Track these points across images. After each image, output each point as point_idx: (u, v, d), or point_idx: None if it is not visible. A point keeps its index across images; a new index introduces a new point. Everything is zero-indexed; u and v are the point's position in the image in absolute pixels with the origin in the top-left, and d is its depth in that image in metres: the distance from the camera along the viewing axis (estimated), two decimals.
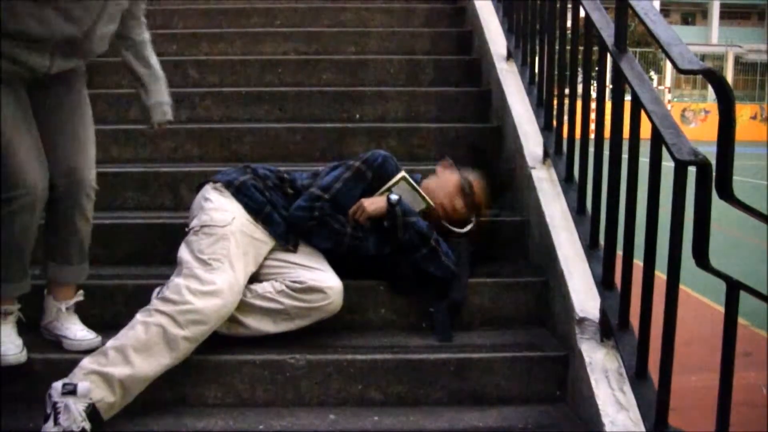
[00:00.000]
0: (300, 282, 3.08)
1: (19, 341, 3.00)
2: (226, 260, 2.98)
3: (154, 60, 3.33)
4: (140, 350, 2.80)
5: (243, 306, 3.05)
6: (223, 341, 3.05)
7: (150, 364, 2.80)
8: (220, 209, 3.15)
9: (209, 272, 2.93)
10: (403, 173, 3.36)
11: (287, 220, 3.23)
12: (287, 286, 3.07)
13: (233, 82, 5.12)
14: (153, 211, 3.99)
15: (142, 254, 3.66)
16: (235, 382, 2.99)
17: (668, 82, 38.33)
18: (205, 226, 3.07)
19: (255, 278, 3.15)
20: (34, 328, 3.16)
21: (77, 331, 3.12)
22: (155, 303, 2.90)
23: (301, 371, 2.98)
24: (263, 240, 3.17)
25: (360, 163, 3.35)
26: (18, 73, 2.91)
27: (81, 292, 3.24)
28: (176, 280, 2.93)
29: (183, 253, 3.04)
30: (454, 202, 3.47)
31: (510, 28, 4.87)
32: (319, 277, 3.11)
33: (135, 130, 4.49)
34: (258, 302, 3.07)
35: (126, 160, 4.44)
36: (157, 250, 3.62)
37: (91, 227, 3.23)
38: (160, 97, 3.36)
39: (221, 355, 3.01)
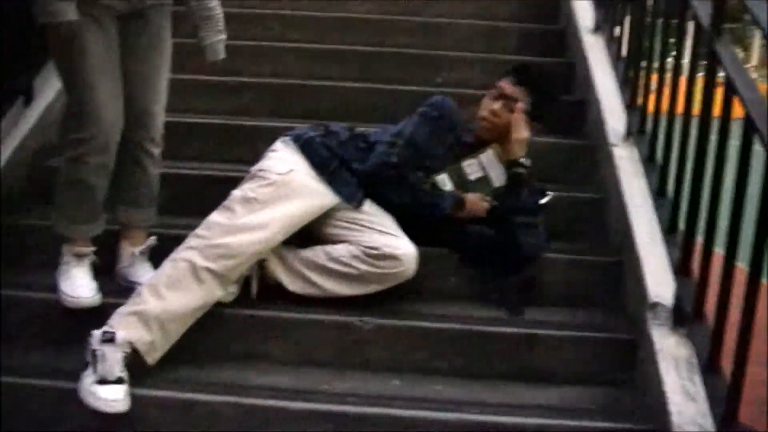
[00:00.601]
0: (375, 248, 3.06)
1: (93, 284, 3.06)
2: (270, 204, 2.99)
3: (215, 2, 3.27)
4: (170, 285, 2.83)
5: (318, 268, 3.07)
6: (296, 299, 3.07)
7: (181, 299, 2.83)
8: (280, 159, 3.16)
9: (246, 209, 2.96)
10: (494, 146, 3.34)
11: (362, 174, 3.21)
12: (362, 252, 3.06)
13: (315, 38, 5.10)
14: (231, 164, 4.01)
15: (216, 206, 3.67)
16: (302, 340, 3.01)
17: (755, 60, 37.32)
18: (261, 170, 3.10)
19: (326, 238, 3.16)
20: (109, 274, 3.21)
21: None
22: (187, 240, 2.95)
23: (368, 334, 2.99)
24: (326, 195, 3.14)
25: (426, 107, 3.33)
26: (111, 5, 2.96)
27: (153, 237, 3.28)
28: (211, 215, 2.99)
29: (233, 192, 3.08)
30: (490, 107, 3.37)
31: (598, 3, 4.77)
32: (393, 243, 3.09)
33: (218, 81, 4.51)
34: (333, 266, 3.07)
35: (205, 111, 4.45)
36: None
37: (160, 171, 3.29)
38: (216, 36, 3.29)
39: (290, 313, 3.04)
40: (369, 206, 3.21)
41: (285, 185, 3.05)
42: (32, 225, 3.51)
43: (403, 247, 3.08)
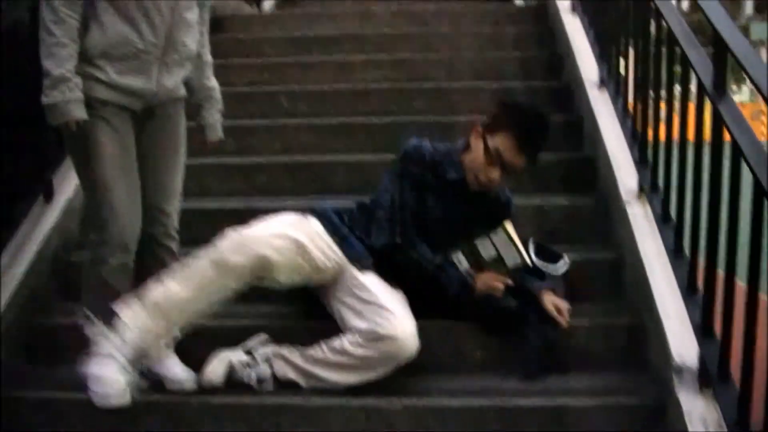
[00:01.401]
0: (371, 331, 3.04)
1: (122, 381, 3.07)
2: (287, 226, 3.15)
3: (214, 82, 3.42)
4: (175, 277, 3.05)
5: (321, 362, 3.09)
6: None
7: (183, 287, 3.02)
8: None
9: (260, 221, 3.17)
10: (508, 225, 3.32)
11: (373, 251, 3.26)
12: (360, 336, 3.06)
13: (325, 111, 5.17)
14: None
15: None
16: (331, 425, 3.02)
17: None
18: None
19: (333, 308, 3.23)
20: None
21: (173, 367, 3.18)
22: None
23: (395, 416, 3.00)
24: (334, 248, 3.21)
25: (398, 162, 3.34)
26: (122, 102, 3.04)
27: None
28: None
29: None
30: (489, 175, 3.32)
31: (602, 55, 4.82)
32: (389, 323, 3.04)
33: (230, 164, 4.58)
34: (335, 357, 3.08)
35: (220, 193, 4.52)
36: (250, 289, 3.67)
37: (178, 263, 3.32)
38: (216, 114, 3.42)
39: (314, 399, 3.06)
40: (374, 279, 3.20)
41: (301, 222, 3.22)
42: (58, 323, 3.56)
43: (399, 327, 3.03)
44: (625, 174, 3.96)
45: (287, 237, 3.09)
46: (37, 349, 3.49)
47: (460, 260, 3.32)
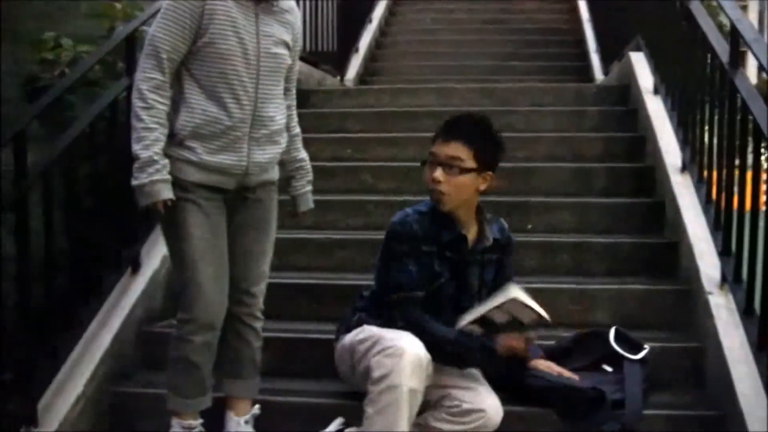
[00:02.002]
0: (457, 406, 3.07)
1: None
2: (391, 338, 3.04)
3: (304, 153, 3.51)
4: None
5: None
6: None
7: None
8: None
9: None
10: (515, 292, 3.13)
11: None
12: (446, 413, 3.08)
13: (407, 188, 5.23)
14: (327, 323, 4.09)
15: (317, 369, 3.74)
16: None
17: None
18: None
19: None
20: None
21: None
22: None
23: None
24: None
25: (390, 242, 3.21)
26: (214, 182, 3.12)
27: (257, 406, 3.37)
28: None
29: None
30: (431, 177, 3.14)
31: (685, 140, 4.79)
32: (474, 398, 3.08)
33: (310, 239, 4.65)
34: None
35: (299, 268, 4.58)
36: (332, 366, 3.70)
37: (262, 342, 3.39)
38: (307, 186, 3.52)
39: None
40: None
41: None
42: (141, 393, 3.65)
43: (485, 400, 3.08)
44: (708, 263, 3.93)
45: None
46: (119, 415, 3.56)
47: (473, 331, 3.17)
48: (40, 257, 3.52)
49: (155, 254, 4.27)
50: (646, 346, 3.51)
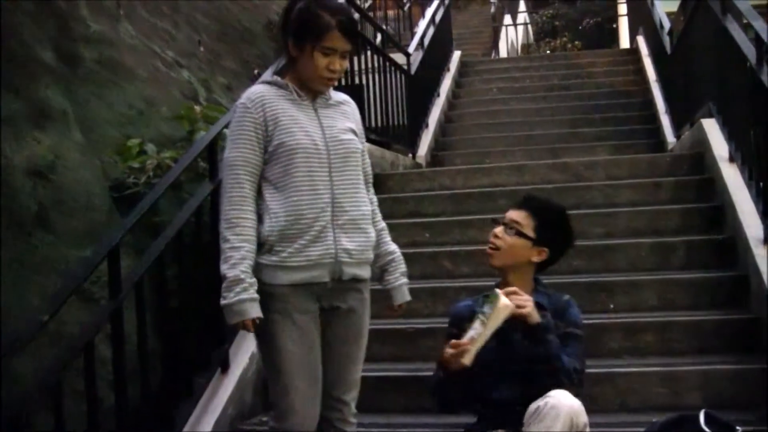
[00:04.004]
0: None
1: None
2: None
3: (394, 246, 3.42)
4: None
5: None
6: None
7: None
8: None
9: None
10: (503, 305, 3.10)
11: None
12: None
13: (486, 272, 5.24)
14: (417, 415, 4.13)
15: None
16: None
17: None
18: None
19: None
20: None
21: None
22: None
23: None
24: None
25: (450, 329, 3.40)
26: (308, 279, 3.08)
27: None
28: None
29: None
30: (494, 232, 3.42)
31: (766, 212, 4.76)
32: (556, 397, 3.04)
33: (394, 329, 4.71)
34: None
35: (386, 359, 4.63)
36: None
37: None
38: (402, 278, 3.40)
39: None
40: None
41: None
42: None
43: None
44: None
45: None
46: None
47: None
48: (133, 360, 3.64)
49: (244, 352, 4.37)
50: (738, 428, 3.46)
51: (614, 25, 23.66)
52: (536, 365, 3.18)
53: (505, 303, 3.08)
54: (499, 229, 3.38)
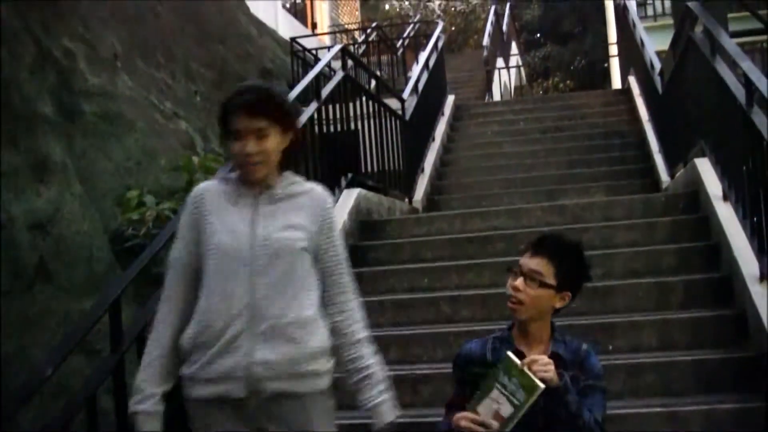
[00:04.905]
0: None
1: None
2: None
3: (370, 358, 2.97)
4: None
5: None
6: None
7: None
8: None
9: None
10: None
11: None
12: None
13: (485, 316, 5.30)
14: None
15: None
16: None
17: None
18: None
19: None
20: None
21: None
22: None
23: None
24: None
25: (457, 371, 3.25)
26: (222, 393, 2.77)
27: None
28: None
29: None
30: (513, 284, 3.12)
31: (760, 249, 4.79)
32: None
33: (396, 375, 4.69)
34: None
35: None
36: None
37: None
38: (380, 397, 2.98)
39: None
40: None
41: None
42: None
43: None
44: None
45: None
46: None
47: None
48: None
49: None
50: None
51: (606, 65, 23.92)
52: (557, 424, 3.05)
53: (538, 386, 2.85)
54: (519, 282, 3.12)
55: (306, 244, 2.87)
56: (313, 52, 12.94)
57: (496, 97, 16.66)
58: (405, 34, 18.17)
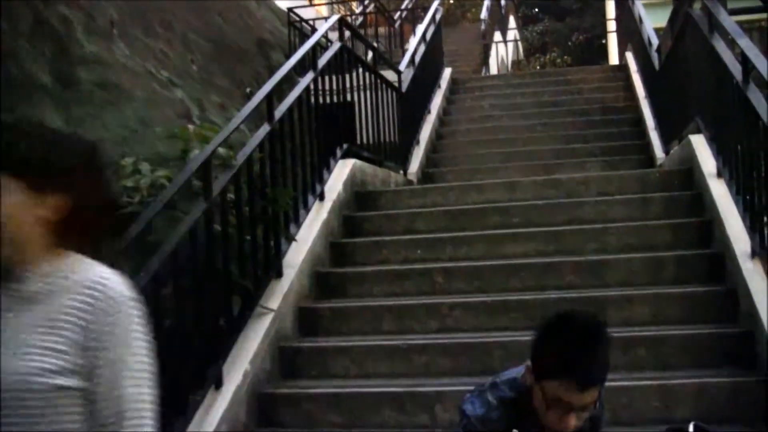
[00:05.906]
0: None
1: None
2: None
3: None
4: None
5: None
6: None
7: None
8: None
9: None
10: None
11: None
12: None
13: (478, 288, 5.32)
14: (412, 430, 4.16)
15: None
16: None
17: None
18: None
19: None
20: None
21: None
22: None
23: None
24: None
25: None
26: None
27: None
28: None
29: None
30: (567, 423, 2.67)
31: (752, 227, 4.82)
32: None
33: (389, 345, 4.74)
34: None
35: (382, 375, 4.67)
36: None
37: None
38: None
39: None
40: None
41: None
42: None
43: None
44: None
45: None
46: None
47: None
48: None
49: (237, 370, 4.39)
50: None
51: (603, 41, 23.87)
52: None
53: None
54: (573, 419, 2.62)
55: (58, 382, 1.71)
56: (311, 22, 12.88)
57: (493, 70, 16.62)
58: (403, 6, 18.11)
